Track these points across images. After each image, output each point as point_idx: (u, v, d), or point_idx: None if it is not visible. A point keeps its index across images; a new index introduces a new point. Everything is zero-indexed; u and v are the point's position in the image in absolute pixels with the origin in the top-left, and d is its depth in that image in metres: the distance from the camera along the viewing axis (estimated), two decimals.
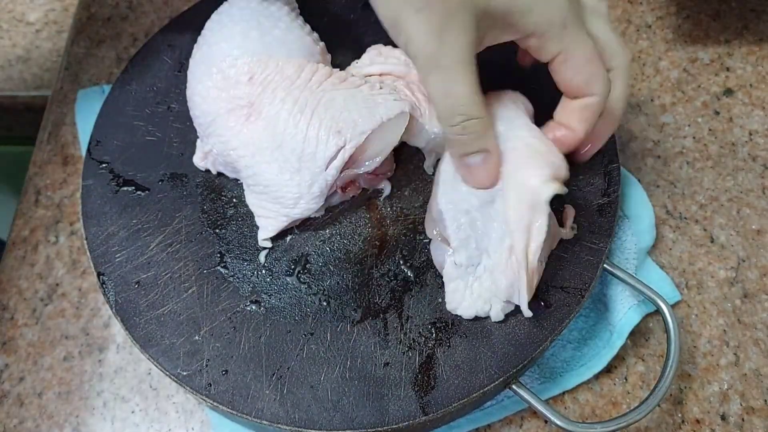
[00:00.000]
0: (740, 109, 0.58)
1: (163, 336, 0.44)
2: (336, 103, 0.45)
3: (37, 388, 0.51)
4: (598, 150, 0.46)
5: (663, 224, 0.54)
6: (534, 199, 0.42)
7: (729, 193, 0.55)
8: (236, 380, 0.42)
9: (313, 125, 0.45)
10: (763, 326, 0.50)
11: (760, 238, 0.53)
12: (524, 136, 0.43)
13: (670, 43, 0.62)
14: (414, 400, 0.41)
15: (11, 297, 0.54)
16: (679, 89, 0.59)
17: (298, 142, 0.45)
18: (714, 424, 0.47)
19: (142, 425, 0.49)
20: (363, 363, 0.43)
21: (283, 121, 0.46)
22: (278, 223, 0.47)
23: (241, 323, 0.44)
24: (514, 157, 0.43)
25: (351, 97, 0.46)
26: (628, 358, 0.49)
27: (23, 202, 0.58)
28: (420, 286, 0.45)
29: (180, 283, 0.46)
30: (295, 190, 0.46)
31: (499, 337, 0.43)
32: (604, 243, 0.45)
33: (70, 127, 0.61)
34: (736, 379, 0.49)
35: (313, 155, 0.45)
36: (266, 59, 0.47)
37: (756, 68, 0.60)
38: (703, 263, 0.52)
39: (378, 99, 0.46)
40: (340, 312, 0.45)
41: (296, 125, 0.45)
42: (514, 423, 0.48)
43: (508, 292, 0.42)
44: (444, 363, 0.42)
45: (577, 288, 0.44)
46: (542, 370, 0.48)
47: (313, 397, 0.42)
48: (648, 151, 0.57)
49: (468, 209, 0.43)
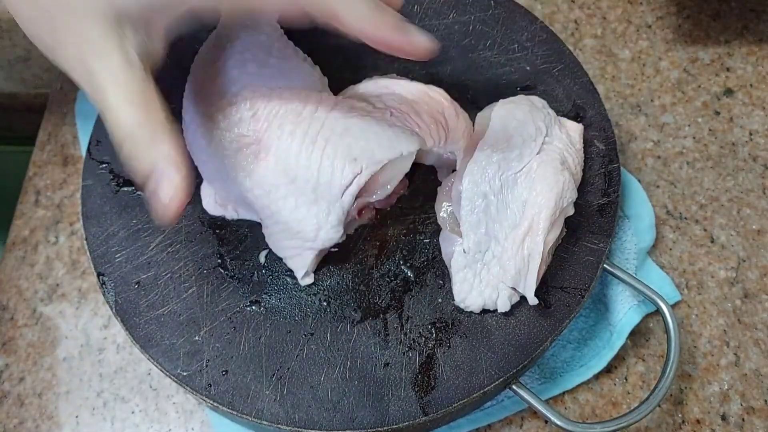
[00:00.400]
0: (740, 109, 0.58)
1: (163, 336, 0.44)
2: (351, 132, 0.44)
3: (37, 388, 0.51)
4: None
5: (663, 224, 0.54)
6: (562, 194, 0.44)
7: (729, 193, 0.55)
8: (236, 380, 0.42)
9: (327, 155, 0.43)
10: (763, 326, 0.50)
11: (760, 238, 0.53)
12: (560, 148, 0.46)
13: (670, 43, 0.62)
14: (414, 400, 0.41)
15: (11, 297, 0.54)
16: (679, 89, 0.59)
17: (313, 172, 0.43)
18: (714, 424, 0.47)
19: (142, 425, 0.49)
20: (363, 363, 0.43)
21: (294, 155, 0.43)
22: (306, 258, 0.45)
23: (241, 323, 0.44)
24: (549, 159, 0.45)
25: (366, 125, 0.44)
26: (628, 358, 0.49)
27: (23, 203, 0.58)
28: (420, 286, 0.45)
29: (180, 283, 0.46)
30: (314, 221, 0.44)
31: (499, 337, 0.43)
32: (604, 243, 0.46)
33: (70, 127, 0.61)
34: (737, 379, 0.49)
35: (328, 184, 0.43)
36: (268, 92, 0.45)
37: (756, 68, 0.60)
38: (704, 263, 0.52)
39: (395, 129, 0.45)
40: (340, 312, 0.45)
41: (309, 157, 0.43)
42: (514, 423, 0.48)
43: (516, 279, 0.43)
44: (444, 363, 0.42)
45: (577, 288, 0.44)
46: (542, 370, 0.48)
47: (313, 397, 0.42)
48: (648, 151, 0.57)
49: (486, 193, 0.44)
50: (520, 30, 0.53)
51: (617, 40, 0.62)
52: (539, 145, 0.45)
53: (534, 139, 0.45)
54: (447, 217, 0.46)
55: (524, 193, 0.44)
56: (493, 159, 0.45)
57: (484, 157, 0.45)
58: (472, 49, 0.53)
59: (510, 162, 0.45)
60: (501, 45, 0.53)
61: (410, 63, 0.53)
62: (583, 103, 0.51)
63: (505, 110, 0.46)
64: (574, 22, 0.63)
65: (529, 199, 0.44)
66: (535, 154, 0.45)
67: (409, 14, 0.54)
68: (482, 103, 0.50)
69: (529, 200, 0.44)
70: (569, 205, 0.44)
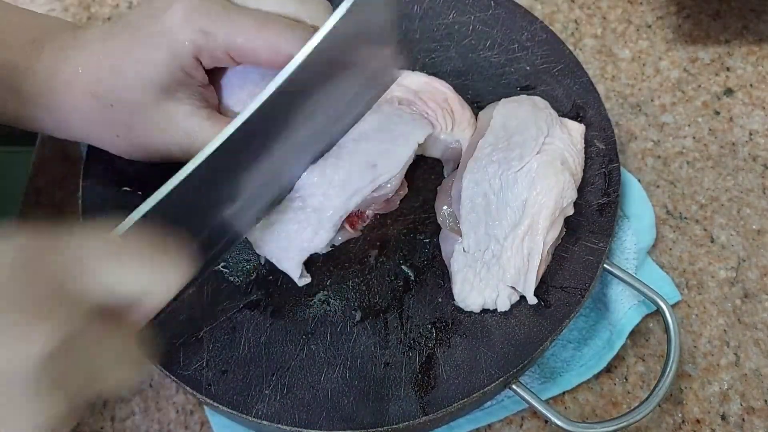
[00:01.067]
0: (740, 109, 0.58)
1: (163, 336, 0.44)
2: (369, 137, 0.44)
3: None
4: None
5: (663, 224, 0.54)
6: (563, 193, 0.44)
7: (729, 193, 0.55)
8: (236, 380, 0.42)
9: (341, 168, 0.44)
10: (763, 326, 0.50)
11: (760, 238, 0.53)
12: (561, 148, 0.46)
13: (670, 43, 0.61)
14: (414, 400, 0.41)
15: None
16: (679, 89, 0.59)
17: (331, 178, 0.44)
18: (714, 424, 0.47)
19: (142, 425, 0.49)
20: (363, 363, 0.43)
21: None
22: (297, 261, 0.45)
23: (241, 323, 0.44)
24: (549, 158, 0.45)
25: (379, 126, 0.45)
26: (628, 358, 0.49)
27: (23, 202, 0.58)
28: (420, 286, 0.45)
29: None
30: (313, 227, 0.44)
31: (499, 337, 0.43)
32: (604, 243, 0.46)
33: None
34: (737, 379, 0.49)
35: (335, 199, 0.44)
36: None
37: (756, 68, 0.60)
38: (704, 263, 0.52)
39: (405, 118, 0.45)
40: (340, 312, 0.45)
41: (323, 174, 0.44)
42: (514, 423, 0.48)
43: (515, 279, 0.43)
44: (444, 363, 0.42)
45: (577, 288, 0.44)
46: (542, 370, 0.48)
47: (313, 397, 0.42)
48: (648, 151, 0.57)
49: (486, 192, 0.44)
50: (520, 30, 0.53)
51: (617, 40, 0.62)
52: (540, 144, 0.45)
53: (535, 139, 0.45)
54: (447, 217, 0.46)
55: (524, 193, 0.44)
56: (494, 158, 0.45)
57: (484, 156, 0.45)
58: (472, 49, 0.53)
59: (510, 161, 0.45)
60: (501, 45, 0.53)
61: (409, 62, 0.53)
62: (583, 103, 0.51)
63: (507, 109, 0.46)
64: (574, 22, 0.63)
65: (529, 198, 0.44)
66: (535, 153, 0.45)
67: (409, 14, 0.54)
68: (482, 103, 0.50)
69: (529, 200, 0.44)
70: (569, 205, 0.44)
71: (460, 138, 0.47)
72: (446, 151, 0.49)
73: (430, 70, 0.51)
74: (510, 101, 0.47)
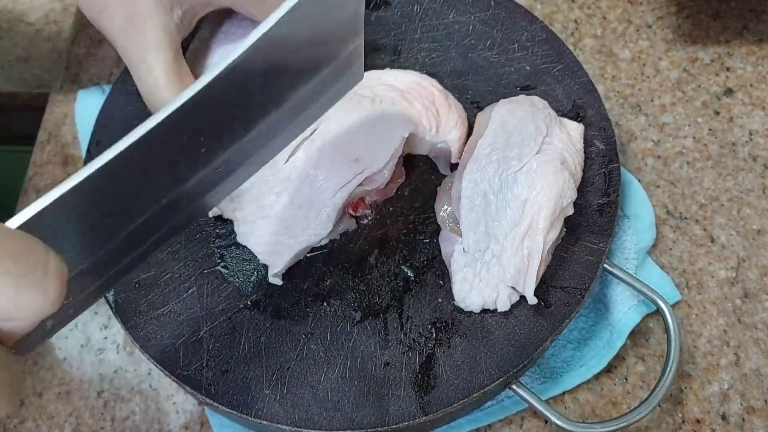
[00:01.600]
0: (740, 109, 0.58)
1: (163, 336, 0.44)
2: (348, 130, 0.45)
3: (37, 388, 0.51)
4: None
5: (663, 224, 0.54)
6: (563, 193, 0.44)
7: (729, 193, 0.55)
8: (236, 380, 0.42)
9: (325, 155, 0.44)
10: (763, 326, 0.50)
11: (760, 238, 0.53)
12: (561, 148, 0.46)
13: (670, 43, 0.61)
14: (414, 400, 0.41)
15: None
16: (679, 89, 0.59)
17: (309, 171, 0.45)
18: (714, 424, 0.47)
19: (142, 425, 0.49)
20: (363, 363, 0.43)
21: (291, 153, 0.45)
22: (285, 256, 0.45)
23: (241, 323, 0.44)
24: (548, 158, 0.45)
25: (360, 121, 0.45)
26: (628, 358, 0.49)
27: (23, 203, 0.58)
28: (420, 286, 0.45)
29: (180, 283, 0.46)
30: (303, 220, 0.44)
31: (499, 337, 0.43)
32: (604, 243, 0.46)
33: (70, 127, 0.61)
34: (737, 379, 0.49)
35: (322, 189, 0.45)
36: None
37: (756, 68, 0.60)
38: (703, 263, 0.52)
39: (387, 115, 0.45)
40: (340, 312, 0.45)
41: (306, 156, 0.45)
42: (514, 423, 0.48)
43: (515, 279, 0.43)
44: (444, 363, 0.42)
45: (577, 288, 0.44)
46: (542, 370, 0.48)
47: (313, 397, 0.42)
48: (648, 151, 0.57)
49: (486, 192, 0.44)
50: (520, 30, 0.53)
51: (617, 40, 0.62)
52: (539, 144, 0.45)
53: (534, 139, 0.45)
54: (447, 217, 0.46)
55: (524, 193, 0.44)
56: (493, 158, 0.45)
57: (483, 156, 0.45)
58: (472, 49, 0.53)
59: (510, 161, 0.45)
60: (501, 45, 0.53)
61: (409, 62, 0.53)
62: (583, 103, 0.51)
63: (506, 110, 0.46)
64: (574, 22, 0.63)
65: (528, 198, 0.44)
66: (534, 153, 0.45)
67: (409, 14, 0.54)
68: (482, 103, 0.50)
69: (528, 199, 0.44)
70: (569, 205, 0.44)
71: (446, 139, 0.47)
72: (433, 150, 0.49)
73: (430, 70, 0.51)
74: (509, 101, 0.47)
